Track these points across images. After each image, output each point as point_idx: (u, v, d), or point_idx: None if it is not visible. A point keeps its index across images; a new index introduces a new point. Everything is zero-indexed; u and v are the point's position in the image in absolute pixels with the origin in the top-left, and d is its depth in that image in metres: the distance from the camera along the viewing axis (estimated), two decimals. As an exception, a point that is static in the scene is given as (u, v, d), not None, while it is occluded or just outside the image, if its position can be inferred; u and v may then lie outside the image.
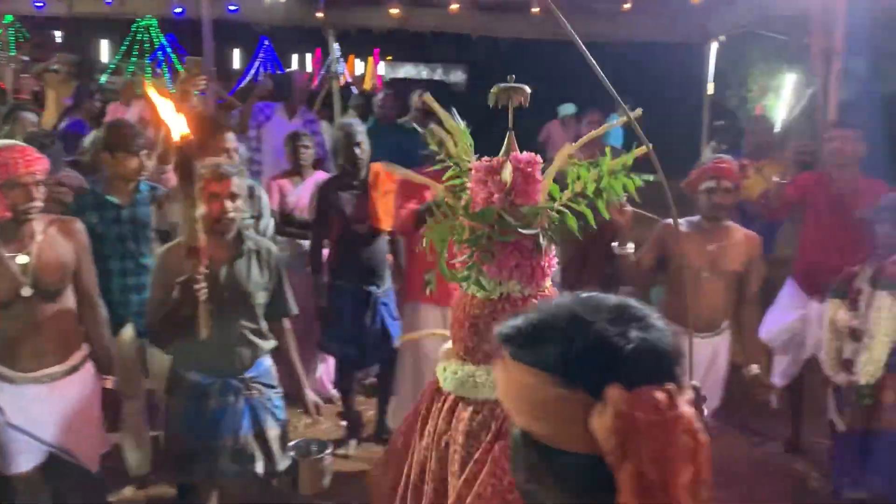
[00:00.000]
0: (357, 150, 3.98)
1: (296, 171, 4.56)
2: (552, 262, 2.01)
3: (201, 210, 2.63)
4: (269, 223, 4.01)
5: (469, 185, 2.05)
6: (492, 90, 2.20)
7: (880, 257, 3.33)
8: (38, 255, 2.80)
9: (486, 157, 2.05)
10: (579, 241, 4.28)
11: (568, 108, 8.11)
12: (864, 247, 3.58)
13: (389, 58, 26.94)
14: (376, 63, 25.59)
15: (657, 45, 7.69)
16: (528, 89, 2.21)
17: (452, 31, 7.27)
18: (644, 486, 0.81)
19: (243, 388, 2.96)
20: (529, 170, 1.96)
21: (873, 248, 3.41)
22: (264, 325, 3.05)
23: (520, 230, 1.87)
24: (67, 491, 3.09)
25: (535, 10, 5.57)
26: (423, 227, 3.60)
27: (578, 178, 1.95)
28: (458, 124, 2.22)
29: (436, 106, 2.25)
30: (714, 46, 7.31)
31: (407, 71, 26.88)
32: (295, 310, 3.20)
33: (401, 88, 8.48)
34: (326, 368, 4.72)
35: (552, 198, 2.01)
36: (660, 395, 0.83)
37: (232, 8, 6.77)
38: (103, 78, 10.98)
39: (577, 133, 5.75)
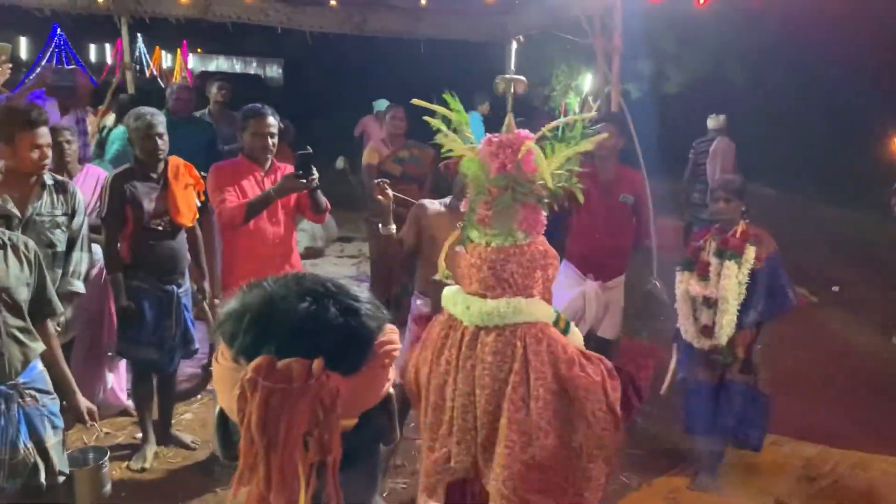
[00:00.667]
0: (158, 142, 3.73)
1: (60, 168, 4.06)
2: (543, 219, 2.44)
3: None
4: (82, 221, 3.65)
5: (471, 157, 2.41)
6: (496, 80, 2.57)
7: (721, 232, 3.82)
8: None
9: (494, 135, 2.42)
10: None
11: (381, 104, 8.21)
12: (628, 228, 4.29)
13: (199, 50, 25.86)
14: (185, 55, 24.40)
15: (460, 43, 7.95)
16: (525, 80, 2.57)
17: (258, 24, 7.05)
18: (251, 446, 0.85)
19: (16, 395, 2.73)
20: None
21: (637, 228, 4.20)
22: (31, 325, 2.80)
23: (530, 192, 2.32)
24: None
25: (333, 2, 5.56)
26: (251, 220, 3.59)
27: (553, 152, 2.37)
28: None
29: (422, 103, 2.57)
30: (514, 46, 7.72)
31: (219, 64, 25.90)
32: (60, 309, 3.01)
33: (205, 82, 8.14)
34: (117, 377, 4.42)
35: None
36: (297, 368, 0.86)
37: (8, -11, 6.16)
38: None
39: (387, 128, 5.82)
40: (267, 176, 3.83)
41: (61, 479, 2.90)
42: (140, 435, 4.07)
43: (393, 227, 3.48)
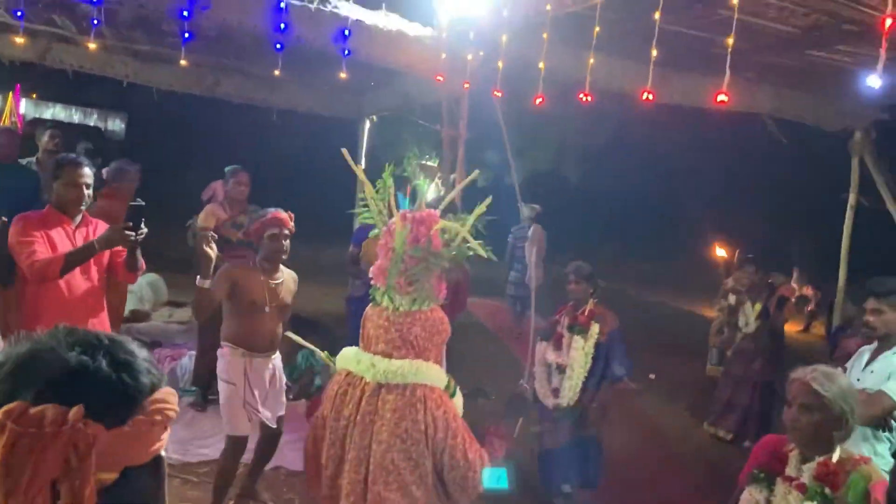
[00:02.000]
0: None
1: None
2: (444, 287, 2.65)
3: None
4: None
5: (391, 229, 2.56)
6: (406, 161, 2.91)
7: (573, 309, 4.47)
8: None
9: (408, 211, 2.57)
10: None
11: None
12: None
13: (34, 95, 24.19)
14: (17, 99, 22.79)
15: (314, 116, 8.03)
16: (436, 168, 2.66)
17: (101, 74, 6.76)
18: None
19: None
20: (436, 221, 2.55)
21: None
22: None
23: (441, 263, 2.55)
24: None
25: (183, 62, 5.47)
26: (70, 271, 3.33)
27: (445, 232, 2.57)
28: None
29: (351, 162, 2.73)
30: (367, 125, 7.93)
31: (56, 112, 24.30)
32: None
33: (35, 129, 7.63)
34: None
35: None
36: (52, 413, 0.84)
37: None
38: None
39: (229, 192, 5.69)
40: (78, 229, 3.59)
41: None
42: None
43: (209, 281, 3.66)
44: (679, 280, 15.62)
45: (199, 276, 3.62)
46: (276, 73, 5.30)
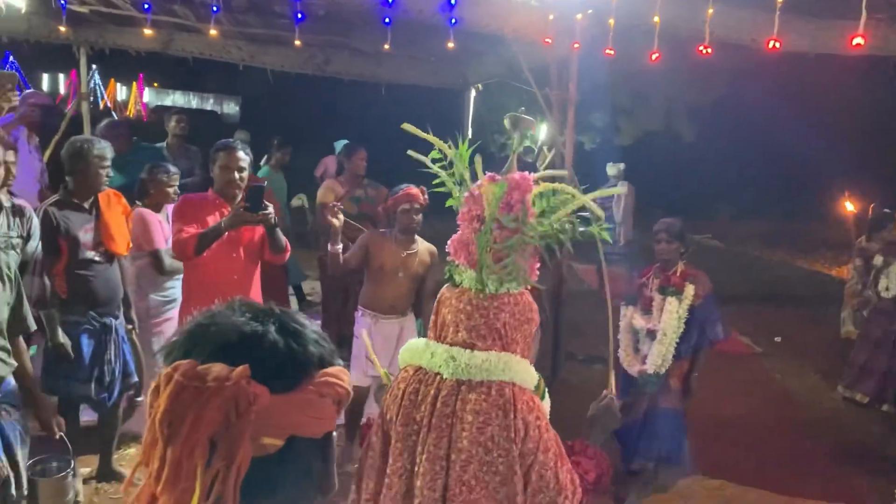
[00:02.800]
0: (100, 171, 3.69)
1: None
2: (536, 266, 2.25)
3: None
4: (36, 246, 3.57)
5: (475, 194, 2.19)
6: (505, 119, 2.35)
7: (662, 270, 4.19)
8: None
9: (494, 174, 2.19)
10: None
11: (340, 144, 8.28)
12: None
13: (156, 84, 25.64)
14: (140, 89, 24.19)
15: (420, 88, 8.08)
16: (532, 120, 2.36)
17: (219, 60, 7.08)
18: (153, 439, 0.86)
19: None
20: (530, 188, 2.18)
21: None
22: (7, 342, 2.86)
23: (536, 238, 2.14)
24: None
25: (297, 42, 5.64)
26: (204, 251, 3.56)
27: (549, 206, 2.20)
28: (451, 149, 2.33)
29: (416, 130, 2.35)
30: (472, 93, 7.92)
31: (175, 99, 25.69)
32: (32, 326, 3.02)
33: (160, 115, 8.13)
34: None
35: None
36: (218, 370, 0.86)
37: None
38: None
39: (349, 168, 5.87)
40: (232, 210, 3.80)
41: (27, 489, 2.96)
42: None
43: (340, 246, 4.04)
44: (803, 239, 14.84)
45: (329, 244, 4.09)
46: (386, 47, 5.36)
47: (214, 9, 5.27)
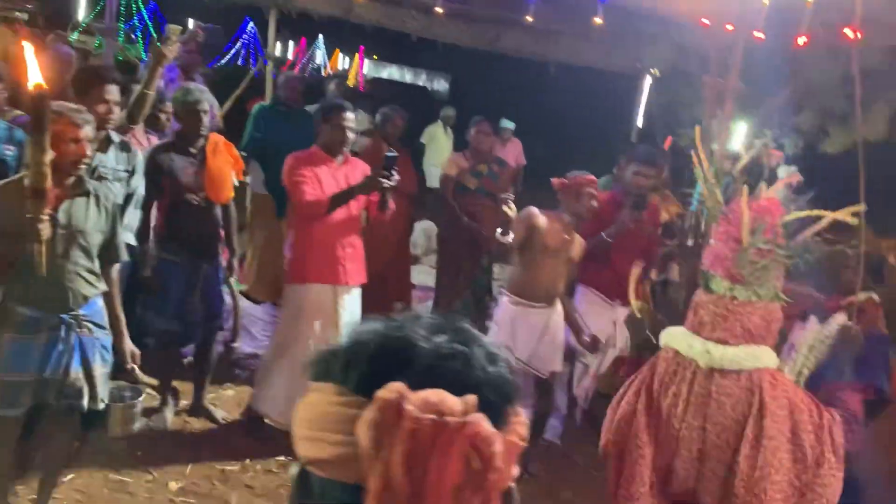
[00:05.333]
0: (202, 117, 3.89)
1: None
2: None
3: (51, 154, 2.70)
4: (140, 181, 3.93)
5: (731, 218, 2.55)
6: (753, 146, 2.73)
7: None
8: None
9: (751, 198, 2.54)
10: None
11: (505, 123, 8.42)
12: (653, 255, 4.63)
13: (375, 57, 27.16)
14: (361, 61, 25.75)
15: (595, 72, 7.89)
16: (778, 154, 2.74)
17: (434, 38, 7.39)
18: (390, 491, 0.70)
19: (75, 324, 3.06)
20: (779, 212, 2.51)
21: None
22: (97, 266, 3.15)
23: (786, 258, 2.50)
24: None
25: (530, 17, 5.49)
26: (335, 210, 3.82)
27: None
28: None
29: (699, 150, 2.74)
30: (647, 81, 7.58)
31: (391, 73, 27.09)
32: (124, 256, 3.31)
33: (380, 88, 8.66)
34: None
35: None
36: (451, 401, 0.72)
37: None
38: (73, 35, 10.92)
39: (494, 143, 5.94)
40: (340, 168, 4.02)
41: (101, 406, 3.22)
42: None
43: (511, 236, 3.89)
44: None
45: (500, 232, 3.89)
46: (529, 18, 5.28)
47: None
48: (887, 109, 11.32)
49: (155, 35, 15.70)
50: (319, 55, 23.06)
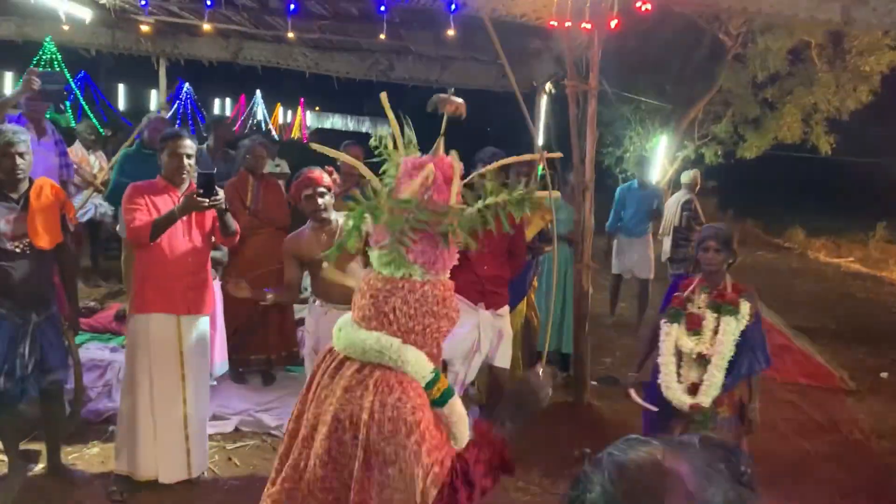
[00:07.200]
0: (16, 159, 3.62)
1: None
2: (454, 256, 2.09)
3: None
4: None
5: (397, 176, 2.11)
6: (431, 99, 2.26)
7: (708, 284, 3.64)
8: None
9: (416, 156, 2.10)
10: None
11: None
12: (508, 258, 4.52)
13: (318, 109, 27.37)
14: (304, 113, 25.93)
15: (492, 94, 7.86)
16: (462, 102, 2.24)
17: (286, 68, 7.36)
18: None
19: None
20: (449, 172, 2.05)
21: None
22: None
23: (431, 221, 2.00)
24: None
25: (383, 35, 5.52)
26: (159, 236, 3.66)
27: (492, 193, 2.07)
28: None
29: (387, 106, 2.20)
30: (544, 98, 7.57)
31: (334, 122, 27.29)
32: None
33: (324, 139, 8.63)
34: None
35: (465, 202, 2.11)
36: None
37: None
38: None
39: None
40: (183, 197, 3.88)
41: None
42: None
43: (271, 296, 3.91)
44: None
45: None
46: (382, 36, 5.26)
47: (291, 8, 5.42)
48: (798, 112, 11.58)
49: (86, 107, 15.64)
50: (260, 110, 23.15)
